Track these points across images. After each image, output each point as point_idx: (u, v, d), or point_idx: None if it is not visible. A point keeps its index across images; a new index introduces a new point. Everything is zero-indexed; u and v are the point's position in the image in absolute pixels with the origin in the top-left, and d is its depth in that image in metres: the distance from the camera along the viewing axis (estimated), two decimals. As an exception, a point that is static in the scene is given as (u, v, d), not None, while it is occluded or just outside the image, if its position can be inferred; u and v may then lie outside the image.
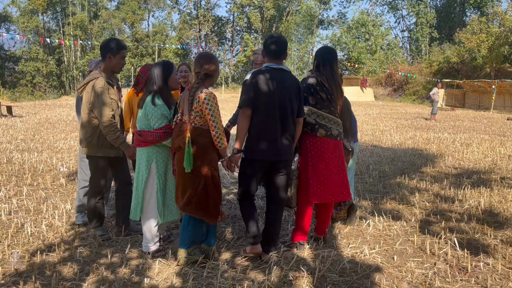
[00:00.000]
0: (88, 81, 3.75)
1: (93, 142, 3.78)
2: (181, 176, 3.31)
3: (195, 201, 3.26)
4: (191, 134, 3.21)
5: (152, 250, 3.62)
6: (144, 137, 3.48)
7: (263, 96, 3.30)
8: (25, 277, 3.19)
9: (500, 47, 30.31)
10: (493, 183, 6.27)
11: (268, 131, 3.33)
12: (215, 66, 3.33)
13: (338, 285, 3.15)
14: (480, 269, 3.41)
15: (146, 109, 3.45)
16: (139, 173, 3.57)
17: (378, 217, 4.63)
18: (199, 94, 3.19)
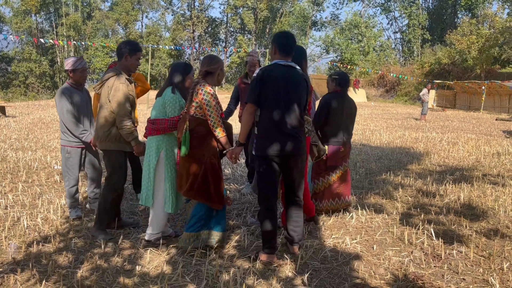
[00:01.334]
0: (108, 78, 3.86)
1: (111, 136, 3.87)
2: (183, 164, 3.54)
3: (196, 187, 3.48)
4: (190, 123, 3.47)
5: (155, 238, 3.78)
6: (158, 125, 3.65)
7: (270, 93, 3.36)
8: (22, 265, 3.36)
9: (490, 48, 30.75)
10: (474, 179, 6.50)
11: (277, 127, 3.38)
12: (217, 65, 3.59)
13: (319, 272, 3.34)
14: (453, 257, 3.62)
15: (164, 98, 3.68)
16: (149, 161, 3.72)
17: (361, 210, 4.84)
18: (198, 87, 3.49)
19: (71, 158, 4.46)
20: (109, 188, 3.97)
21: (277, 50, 3.49)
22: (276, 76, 3.39)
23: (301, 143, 3.51)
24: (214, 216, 3.64)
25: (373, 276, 3.29)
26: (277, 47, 3.49)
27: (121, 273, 3.26)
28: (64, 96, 4.33)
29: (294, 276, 3.25)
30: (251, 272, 3.28)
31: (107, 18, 48.71)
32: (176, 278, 3.19)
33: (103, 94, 3.86)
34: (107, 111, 3.83)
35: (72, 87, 4.42)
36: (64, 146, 4.47)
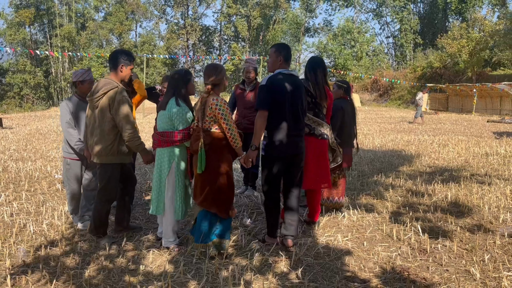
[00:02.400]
0: (107, 91, 3.81)
1: (113, 150, 3.89)
2: (199, 176, 3.68)
3: (211, 197, 3.65)
4: (206, 138, 3.61)
5: (173, 246, 3.91)
6: (168, 138, 3.76)
7: (279, 98, 3.74)
8: (32, 267, 3.55)
9: (481, 51, 31.25)
10: (462, 179, 6.75)
11: (285, 129, 3.78)
12: (220, 76, 3.71)
13: (312, 266, 3.56)
14: (438, 250, 3.86)
15: (170, 111, 3.74)
16: (161, 172, 3.85)
17: (353, 210, 5.07)
18: (211, 101, 3.58)
19: (71, 169, 4.53)
20: (102, 200, 3.99)
21: (283, 60, 3.91)
22: (282, 84, 3.78)
23: (303, 142, 3.96)
24: (219, 223, 3.76)
25: (362, 270, 3.51)
26: (283, 58, 3.91)
27: (126, 273, 3.47)
28: (67, 106, 4.41)
29: (289, 271, 3.47)
30: (248, 268, 3.49)
31: (101, 28, 48.97)
32: (178, 275, 3.40)
33: (103, 107, 3.82)
34: (109, 125, 3.83)
35: (79, 99, 4.47)
36: (65, 157, 4.56)
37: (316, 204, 4.49)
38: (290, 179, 3.98)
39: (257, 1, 48.31)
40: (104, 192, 4.00)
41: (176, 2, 47.71)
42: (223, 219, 3.77)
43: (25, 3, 46.48)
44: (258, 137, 3.77)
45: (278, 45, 4.03)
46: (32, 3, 46.62)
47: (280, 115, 3.77)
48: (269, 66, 4.03)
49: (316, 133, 4.23)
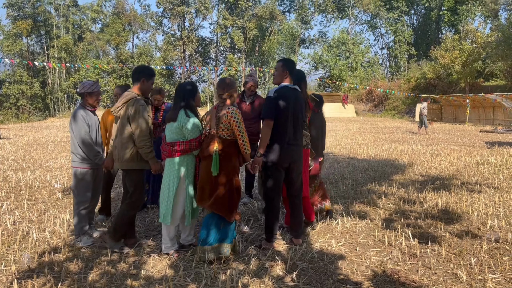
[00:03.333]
0: (126, 101, 4.08)
1: (133, 157, 4.08)
2: (209, 181, 3.88)
3: (220, 201, 3.86)
4: (219, 144, 3.86)
5: (172, 252, 4.05)
6: (178, 147, 3.92)
7: (283, 110, 4.06)
8: (37, 272, 3.69)
9: (473, 62, 31.71)
10: (453, 187, 6.94)
11: (285, 138, 4.10)
12: (234, 89, 4.02)
13: (307, 270, 3.72)
14: (427, 255, 4.02)
15: (181, 122, 3.93)
16: (170, 181, 3.99)
17: (346, 217, 5.23)
18: (227, 110, 3.86)
19: (84, 180, 4.48)
20: (131, 205, 4.16)
21: (289, 75, 4.23)
22: (287, 97, 4.11)
23: (301, 151, 4.31)
24: (222, 228, 3.92)
25: (355, 273, 3.67)
26: (289, 72, 4.24)
27: (128, 277, 3.61)
28: (82, 118, 4.43)
29: (284, 274, 3.62)
30: (245, 272, 3.64)
31: (98, 39, 49.28)
32: (178, 279, 3.55)
33: (123, 117, 4.08)
34: (128, 133, 4.05)
35: (87, 110, 4.53)
36: (77, 167, 4.48)
37: (307, 206, 4.74)
38: (292, 185, 4.30)
39: (253, 13, 48.83)
40: (132, 198, 4.16)
41: (173, 14, 48.12)
42: (226, 224, 3.94)
43: (23, 15, 46.78)
44: (264, 144, 4.06)
45: (285, 60, 4.34)
46: (29, 14, 46.93)
47: (283, 125, 4.08)
48: (274, 79, 4.35)
49: None
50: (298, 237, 4.36)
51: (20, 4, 46.42)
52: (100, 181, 4.77)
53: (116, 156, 4.18)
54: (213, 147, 3.84)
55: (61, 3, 48.95)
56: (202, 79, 54.21)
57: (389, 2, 49.92)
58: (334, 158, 10.64)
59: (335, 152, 11.81)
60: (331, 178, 7.88)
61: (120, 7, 50.21)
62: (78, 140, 4.41)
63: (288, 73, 4.25)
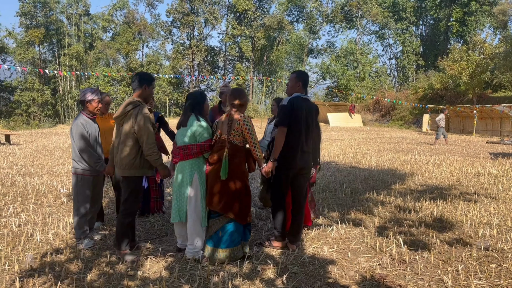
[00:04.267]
0: (130, 109, 4.12)
1: (136, 164, 4.17)
2: (219, 184, 4.07)
3: (231, 204, 4.06)
4: (229, 149, 4.07)
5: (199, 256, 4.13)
6: (190, 150, 4.10)
7: (296, 118, 4.30)
8: (39, 272, 3.86)
9: (481, 73, 31.67)
10: (451, 197, 7.01)
11: (298, 144, 4.34)
12: (246, 98, 4.27)
13: (297, 274, 3.84)
14: (416, 261, 4.13)
15: (192, 127, 4.13)
16: (182, 183, 4.14)
17: (341, 224, 5.35)
18: (239, 118, 4.11)
19: (84, 186, 4.59)
20: (126, 212, 4.23)
21: (301, 85, 4.48)
22: (300, 106, 4.34)
23: (310, 158, 4.57)
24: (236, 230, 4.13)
25: (344, 277, 3.79)
26: (302, 83, 4.49)
27: (125, 277, 3.75)
28: (82, 125, 4.53)
29: (275, 277, 3.75)
30: (238, 275, 3.77)
31: (108, 48, 49.96)
32: (173, 280, 3.69)
33: (128, 125, 4.12)
34: (131, 141, 4.13)
35: (87, 117, 4.65)
36: (77, 174, 4.60)
37: (306, 210, 4.96)
38: (299, 191, 4.52)
39: (261, 23, 49.26)
40: (126, 205, 4.23)
41: (182, 23, 48.71)
42: (238, 226, 4.15)
43: (35, 23, 47.68)
44: (278, 150, 4.26)
45: (299, 72, 4.61)
46: (42, 23, 47.83)
47: (296, 132, 4.31)
48: (288, 89, 4.61)
49: None
50: (294, 242, 4.49)
51: (33, 13, 47.35)
52: (101, 187, 4.92)
53: (117, 162, 4.26)
54: (223, 152, 4.04)
55: (73, 12, 49.86)
56: (210, 87, 54.63)
57: (397, 12, 50.15)
58: (336, 167, 10.74)
59: (338, 161, 11.91)
60: (330, 187, 7.99)
61: (131, 16, 50.95)
62: (78, 147, 4.51)
63: (302, 85, 4.49)
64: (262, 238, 4.87)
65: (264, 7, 52.03)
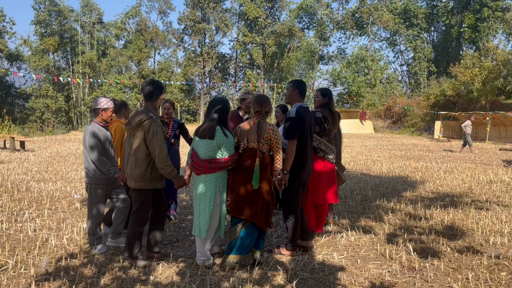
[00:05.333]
0: (143, 121, 4.07)
1: (146, 176, 4.14)
2: (249, 193, 4.11)
3: (259, 211, 4.13)
4: (260, 158, 4.12)
5: (210, 263, 4.19)
6: (217, 164, 4.04)
7: (304, 129, 4.42)
8: (54, 276, 3.95)
9: (494, 80, 31.38)
10: (462, 205, 6.99)
11: (307, 154, 4.47)
12: (270, 106, 4.32)
13: (307, 280, 3.88)
14: (426, 269, 4.13)
15: (219, 141, 4.04)
16: (206, 196, 4.09)
17: (351, 231, 5.37)
18: (268, 127, 4.16)
19: (97, 195, 4.62)
20: (136, 222, 4.26)
21: (298, 93, 4.55)
22: (305, 116, 4.45)
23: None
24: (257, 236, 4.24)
25: (353, 284, 3.81)
26: (300, 92, 4.56)
27: (137, 282, 3.83)
28: (95, 133, 4.54)
29: (285, 283, 3.79)
30: (248, 280, 3.82)
31: (121, 55, 50.59)
32: (184, 285, 3.75)
33: (139, 137, 4.10)
34: (143, 153, 4.11)
35: (100, 126, 4.64)
36: (91, 184, 4.62)
37: (323, 216, 5.22)
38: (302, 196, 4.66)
39: (272, 30, 49.50)
40: (137, 215, 4.26)
41: (194, 31, 49.13)
42: (261, 233, 4.25)
43: (50, 32, 48.54)
44: (290, 163, 4.33)
45: (294, 81, 4.70)
46: (56, 31, 48.67)
47: (303, 142, 4.42)
48: (286, 98, 4.68)
49: (329, 157, 5.01)
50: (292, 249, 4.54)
51: (48, 22, 48.25)
52: (121, 190, 4.82)
53: (128, 174, 4.24)
54: (255, 161, 4.08)
55: (86, 20, 50.68)
56: (221, 94, 54.89)
57: (408, 19, 50.04)
58: (347, 174, 10.73)
59: (349, 168, 11.90)
60: (341, 194, 8.00)
61: (143, 24, 51.58)
62: (91, 156, 4.52)
63: (298, 93, 4.56)
64: (272, 244, 4.92)
65: (275, 14, 52.26)
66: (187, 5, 49.24)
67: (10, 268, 4.12)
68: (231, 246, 4.16)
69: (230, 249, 4.16)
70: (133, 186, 4.23)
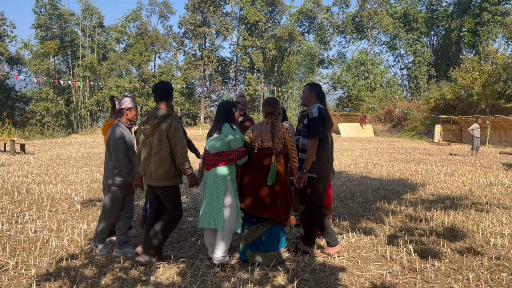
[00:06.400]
0: (164, 119, 4.12)
1: (172, 173, 4.19)
2: (267, 192, 4.20)
3: (280, 209, 4.21)
4: (276, 156, 4.22)
5: (228, 260, 4.21)
6: (225, 156, 4.16)
7: (326, 128, 4.49)
8: (55, 276, 3.95)
9: (494, 84, 31.43)
10: (462, 207, 6.99)
11: (330, 153, 4.56)
12: (280, 107, 4.48)
13: (308, 281, 3.88)
14: (427, 269, 4.13)
15: (226, 133, 4.20)
16: (217, 189, 4.16)
17: (351, 232, 5.37)
18: (282, 126, 4.31)
19: (115, 197, 4.53)
20: (174, 220, 4.28)
21: (316, 96, 4.61)
22: (326, 116, 4.51)
23: None
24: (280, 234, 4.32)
25: (354, 284, 3.81)
26: (316, 94, 4.63)
27: (138, 282, 3.83)
28: (121, 135, 4.44)
29: (286, 284, 3.79)
30: (249, 281, 3.82)
31: (121, 59, 50.74)
32: (185, 285, 3.75)
33: (160, 134, 4.11)
34: (167, 150, 4.14)
35: (125, 126, 4.55)
36: (109, 185, 4.53)
37: None
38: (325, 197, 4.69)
39: (272, 34, 49.64)
40: (174, 213, 4.26)
41: (194, 35, 49.27)
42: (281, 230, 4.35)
43: (51, 35, 48.69)
44: (311, 161, 4.38)
45: (311, 84, 4.81)
46: (57, 35, 48.82)
47: (326, 141, 4.49)
48: (303, 100, 4.75)
49: None
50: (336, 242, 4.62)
51: (48, 25, 48.42)
52: (132, 197, 4.78)
53: (152, 173, 4.18)
54: (271, 159, 4.19)
55: (87, 24, 50.86)
56: (221, 98, 54.98)
57: (408, 23, 50.18)
58: (347, 177, 10.75)
59: (349, 171, 11.91)
60: (341, 196, 8.01)
61: (143, 28, 51.77)
62: (114, 156, 4.43)
63: (315, 95, 4.63)
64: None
65: (275, 18, 52.45)
66: (188, 9, 49.45)
67: (10, 268, 4.12)
68: (255, 244, 4.25)
69: (260, 247, 4.23)
70: (158, 184, 4.21)
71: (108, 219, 4.59)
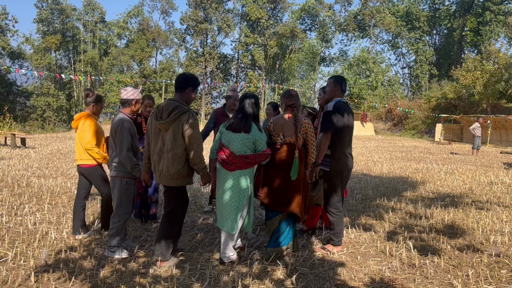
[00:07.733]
0: (179, 114, 3.80)
1: (184, 173, 3.93)
2: (288, 186, 4.16)
3: (301, 204, 4.20)
4: (299, 152, 4.17)
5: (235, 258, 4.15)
6: (252, 160, 3.97)
7: (340, 123, 4.36)
8: (53, 267, 3.95)
9: (495, 83, 31.36)
10: (463, 205, 6.97)
11: (346, 149, 4.45)
12: (299, 100, 4.37)
13: (307, 275, 3.87)
14: (426, 266, 4.12)
15: (255, 136, 3.98)
16: (245, 192, 4.01)
17: (351, 229, 5.36)
18: (304, 120, 4.22)
19: (128, 189, 4.31)
20: (175, 221, 4.07)
21: (340, 89, 4.54)
22: (343, 110, 4.42)
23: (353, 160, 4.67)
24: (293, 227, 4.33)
25: (353, 279, 3.80)
26: (340, 87, 4.55)
27: (137, 275, 3.82)
28: (126, 126, 4.22)
29: (285, 278, 3.78)
30: (248, 275, 3.81)
31: (122, 54, 50.64)
32: (184, 278, 3.75)
33: (176, 131, 3.83)
34: (181, 148, 3.86)
35: (131, 118, 4.36)
36: (122, 177, 4.29)
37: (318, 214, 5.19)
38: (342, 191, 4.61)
39: (274, 31, 49.53)
40: (175, 213, 4.06)
41: (196, 31, 49.17)
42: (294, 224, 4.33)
43: (52, 30, 48.59)
44: (322, 155, 4.34)
45: (335, 76, 4.65)
46: (58, 30, 48.73)
47: (341, 136, 4.39)
48: (327, 94, 4.67)
49: None
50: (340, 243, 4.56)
51: (50, 20, 48.31)
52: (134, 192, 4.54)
53: (164, 171, 3.94)
54: (295, 154, 4.12)
55: (89, 19, 50.76)
56: (222, 95, 54.92)
57: (410, 22, 50.06)
58: (347, 174, 10.72)
59: (349, 169, 11.88)
60: (341, 193, 7.99)
61: (145, 23, 51.64)
62: (119, 149, 4.21)
63: (340, 88, 4.55)
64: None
65: (277, 15, 52.31)
66: (190, 5, 49.31)
67: (9, 259, 4.12)
68: (274, 238, 4.23)
69: (275, 240, 4.23)
70: (169, 184, 3.97)
71: (123, 214, 4.28)
